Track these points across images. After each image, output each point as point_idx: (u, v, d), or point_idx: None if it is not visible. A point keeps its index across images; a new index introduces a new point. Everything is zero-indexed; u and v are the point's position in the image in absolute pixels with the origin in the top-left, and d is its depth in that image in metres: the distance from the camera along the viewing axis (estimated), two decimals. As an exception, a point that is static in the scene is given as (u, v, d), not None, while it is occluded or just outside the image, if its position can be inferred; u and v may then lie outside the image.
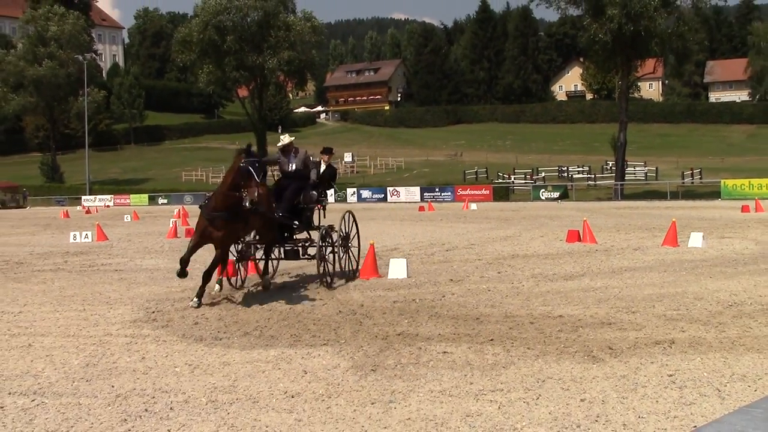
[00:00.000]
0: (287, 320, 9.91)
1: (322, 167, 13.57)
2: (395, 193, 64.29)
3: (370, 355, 7.97)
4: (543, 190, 60.21)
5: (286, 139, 13.13)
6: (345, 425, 5.73)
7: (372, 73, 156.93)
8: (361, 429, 5.64)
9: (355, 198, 65.00)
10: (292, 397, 6.52)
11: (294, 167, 12.86)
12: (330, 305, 11.01)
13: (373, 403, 6.28)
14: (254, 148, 11.63)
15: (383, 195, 64.52)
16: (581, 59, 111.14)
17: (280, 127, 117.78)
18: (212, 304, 11.25)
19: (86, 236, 25.26)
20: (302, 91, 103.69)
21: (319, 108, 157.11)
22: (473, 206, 46.27)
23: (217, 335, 9.19)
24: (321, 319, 9.96)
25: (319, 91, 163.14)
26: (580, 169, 74.60)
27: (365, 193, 65.80)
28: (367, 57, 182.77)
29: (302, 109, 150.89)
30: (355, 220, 14.25)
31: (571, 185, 61.72)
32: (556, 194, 58.04)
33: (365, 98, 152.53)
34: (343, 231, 13.47)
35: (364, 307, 10.86)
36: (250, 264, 13.60)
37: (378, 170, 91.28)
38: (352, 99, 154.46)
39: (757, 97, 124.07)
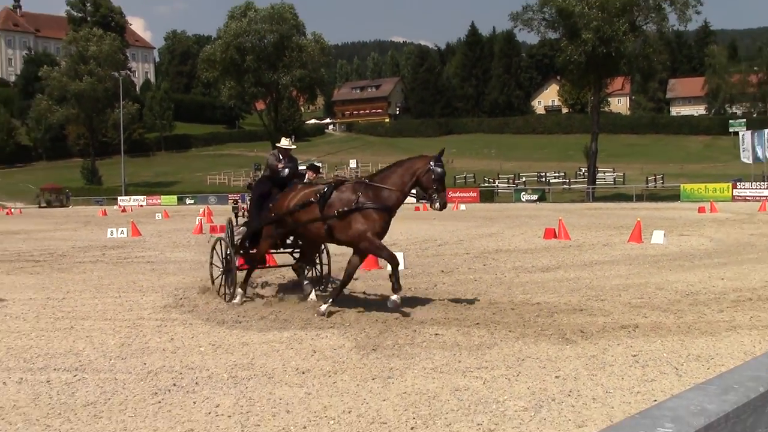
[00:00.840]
0: (299, 306, 9.91)
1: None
2: (394, 195, 64.19)
3: (371, 336, 7.99)
4: (524, 193, 60.23)
5: (291, 144, 11.43)
6: (349, 398, 5.75)
7: (374, 90, 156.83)
8: (363, 401, 5.66)
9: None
10: (303, 373, 6.54)
11: (287, 172, 11.10)
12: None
13: (373, 379, 6.30)
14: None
15: (384, 197, 64.42)
16: (558, 77, 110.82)
17: (293, 136, 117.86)
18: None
19: (122, 232, 25.27)
20: (312, 105, 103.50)
21: (328, 120, 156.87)
22: (462, 207, 46.24)
23: (237, 319, 9.20)
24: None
25: (328, 105, 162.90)
26: (557, 174, 74.67)
27: (368, 195, 65.73)
28: (369, 75, 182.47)
29: (313, 121, 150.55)
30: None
31: (549, 189, 61.73)
32: (535, 197, 58.04)
33: (368, 111, 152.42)
34: None
35: (366, 294, 10.88)
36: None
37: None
38: (356, 112, 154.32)
39: (713, 111, 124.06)
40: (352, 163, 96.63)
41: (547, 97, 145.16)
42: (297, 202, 9.89)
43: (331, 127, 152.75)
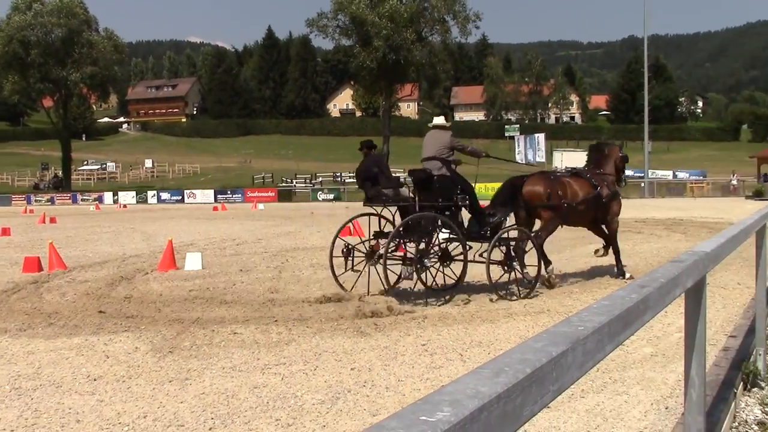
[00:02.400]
0: (89, 311, 9.34)
1: None
2: (192, 195, 62.48)
3: (168, 338, 7.70)
4: (320, 192, 60.86)
5: (446, 122, 10.79)
6: (144, 402, 5.50)
7: (170, 89, 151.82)
8: (159, 404, 5.44)
9: (155, 200, 62.52)
10: (95, 380, 6.16)
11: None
12: (134, 296, 10.51)
13: (170, 381, 6.07)
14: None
15: (181, 197, 62.49)
16: (352, 82, 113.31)
17: (84, 135, 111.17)
18: (20, 299, 10.39)
19: None
20: (105, 103, 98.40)
21: (122, 119, 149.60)
22: (261, 206, 45.92)
23: (22, 327, 8.51)
24: (122, 309, 9.48)
25: (122, 104, 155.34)
26: (351, 174, 76.06)
27: (164, 195, 63.43)
28: (165, 74, 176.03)
29: (105, 119, 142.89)
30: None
31: (344, 188, 62.81)
32: (332, 196, 58.86)
33: (164, 111, 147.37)
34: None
35: (162, 296, 10.45)
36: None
37: (176, 175, 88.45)
38: (152, 111, 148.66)
39: (491, 117, 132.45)
40: (148, 163, 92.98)
41: (342, 101, 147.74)
42: (584, 192, 10.98)
43: (125, 126, 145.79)
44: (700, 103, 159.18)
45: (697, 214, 27.57)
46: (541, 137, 58.73)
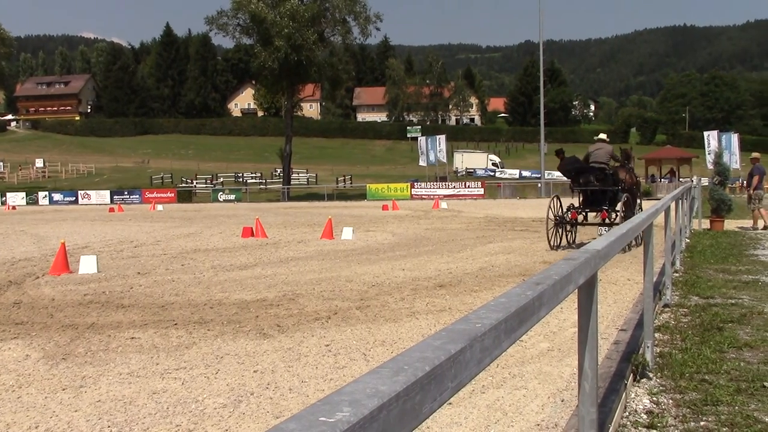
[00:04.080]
0: (-24, 318, 8.87)
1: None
2: (86, 196, 60.21)
3: (61, 344, 7.40)
4: (221, 192, 59.86)
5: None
6: (36, 412, 5.27)
7: (62, 86, 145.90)
8: (53, 414, 5.22)
9: (47, 201, 59.90)
10: (-19, 391, 5.86)
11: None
12: (24, 301, 10.05)
13: (64, 389, 5.84)
14: None
15: (74, 198, 60.13)
16: (253, 81, 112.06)
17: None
18: None
19: None
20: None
21: (9, 117, 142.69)
22: (160, 207, 44.78)
23: None
24: (10, 315, 9.05)
25: (9, 101, 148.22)
26: (253, 175, 75.41)
27: (57, 196, 60.85)
28: (57, 71, 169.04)
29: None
30: None
31: (246, 189, 62.04)
32: (233, 196, 58.00)
33: (56, 109, 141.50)
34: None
35: (55, 301, 10.05)
36: None
37: (69, 175, 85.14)
38: (42, 109, 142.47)
39: (393, 118, 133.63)
40: (39, 163, 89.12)
41: (243, 100, 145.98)
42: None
43: (13, 124, 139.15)
44: (593, 107, 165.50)
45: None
46: (442, 138, 59.67)
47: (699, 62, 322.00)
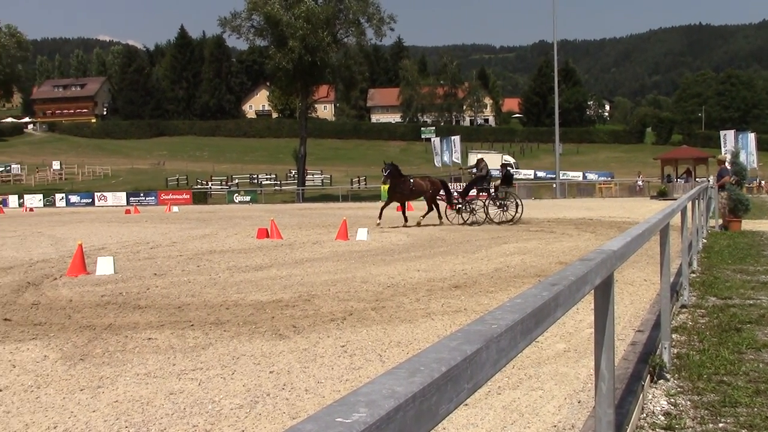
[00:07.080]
0: (-5, 319, 8.94)
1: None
2: (103, 198, 60.64)
3: (79, 345, 7.45)
4: (236, 194, 60.11)
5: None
6: (54, 412, 5.31)
7: (78, 89, 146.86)
8: (71, 414, 5.26)
9: (63, 203, 60.36)
10: (0, 390, 5.91)
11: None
12: (42, 302, 10.13)
13: (82, 390, 5.87)
14: None
15: (91, 200, 60.55)
16: (268, 83, 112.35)
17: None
18: None
19: None
20: (9, 103, 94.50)
21: (27, 119, 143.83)
22: (175, 209, 45.01)
23: None
24: (29, 316, 9.12)
25: (27, 104, 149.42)
26: (268, 176, 75.63)
27: (73, 198, 61.31)
28: (73, 73, 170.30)
29: (9, 119, 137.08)
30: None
31: (261, 190, 62.28)
32: (248, 198, 58.19)
33: (72, 111, 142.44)
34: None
35: (72, 302, 10.11)
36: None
37: (86, 177, 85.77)
38: (59, 111, 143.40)
39: (407, 119, 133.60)
40: (56, 165, 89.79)
41: (258, 102, 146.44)
42: None
43: (30, 126, 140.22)
44: (607, 107, 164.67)
45: (606, 214, 28.52)
46: (456, 139, 59.65)
47: (715, 61, 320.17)
